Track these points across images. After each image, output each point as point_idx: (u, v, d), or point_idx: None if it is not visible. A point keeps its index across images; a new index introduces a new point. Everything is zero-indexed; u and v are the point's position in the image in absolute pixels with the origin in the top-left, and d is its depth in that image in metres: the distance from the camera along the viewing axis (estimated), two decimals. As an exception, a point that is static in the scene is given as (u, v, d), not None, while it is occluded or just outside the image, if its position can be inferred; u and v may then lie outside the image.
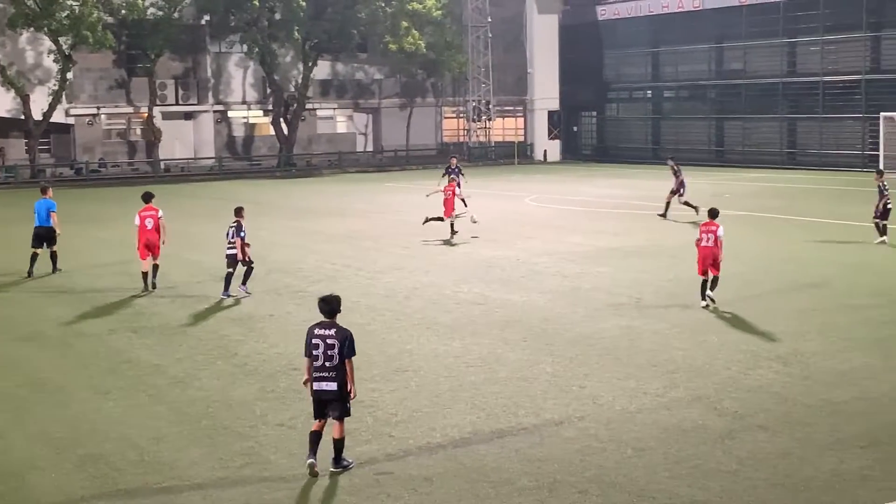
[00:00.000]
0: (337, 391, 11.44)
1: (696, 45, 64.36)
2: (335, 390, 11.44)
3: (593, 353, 16.71)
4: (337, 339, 11.40)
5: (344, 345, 11.38)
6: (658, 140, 69.07)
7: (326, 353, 11.40)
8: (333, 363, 11.40)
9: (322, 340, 11.43)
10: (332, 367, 11.40)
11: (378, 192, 48.89)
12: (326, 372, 11.43)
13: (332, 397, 11.48)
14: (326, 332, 11.46)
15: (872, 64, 56.40)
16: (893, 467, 11.32)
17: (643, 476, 11.28)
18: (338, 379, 11.41)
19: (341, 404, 11.54)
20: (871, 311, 19.42)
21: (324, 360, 11.41)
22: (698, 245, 20.50)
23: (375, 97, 72.15)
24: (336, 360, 11.39)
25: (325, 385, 11.46)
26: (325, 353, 11.40)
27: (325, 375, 11.44)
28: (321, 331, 11.48)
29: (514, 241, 30.09)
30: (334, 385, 11.42)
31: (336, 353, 11.38)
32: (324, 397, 11.50)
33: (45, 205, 25.87)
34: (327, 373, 11.42)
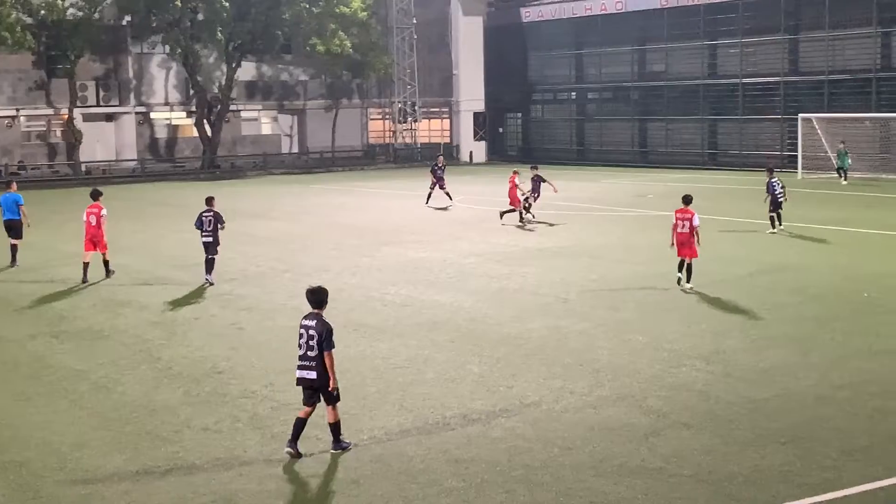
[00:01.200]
0: (317, 379, 11.87)
1: (618, 47, 65.02)
2: (315, 378, 11.89)
3: (520, 353, 16.79)
4: (317, 332, 11.86)
5: (322, 336, 11.81)
6: (582, 141, 69.65)
7: (308, 343, 11.90)
8: (314, 353, 11.86)
9: (305, 331, 11.97)
10: (312, 356, 11.88)
11: (304, 193, 48.64)
12: (307, 361, 11.93)
13: (313, 385, 11.96)
14: (310, 323, 11.98)
15: (790, 66, 57.43)
16: (813, 463, 11.54)
17: (570, 475, 11.37)
18: (317, 368, 11.85)
19: (327, 394, 11.97)
20: (791, 309, 19.76)
21: (305, 349, 11.92)
22: (674, 230, 22.03)
23: (301, 98, 71.76)
24: (316, 350, 11.84)
25: (306, 373, 11.96)
26: (307, 342, 11.91)
27: (305, 364, 11.95)
28: (306, 321, 12.05)
29: (441, 242, 30.13)
30: (314, 374, 11.88)
31: (316, 344, 11.84)
32: (305, 385, 12.02)
33: (12, 198, 27.23)
34: (308, 362, 11.92)
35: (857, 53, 53.90)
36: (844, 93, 54.33)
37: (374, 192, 49.19)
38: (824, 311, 19.55)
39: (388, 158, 71.89)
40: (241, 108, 69.51)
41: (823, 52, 54.95)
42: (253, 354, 17.13)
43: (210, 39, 62.37)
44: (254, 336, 18.54)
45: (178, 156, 67.98)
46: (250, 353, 17.19)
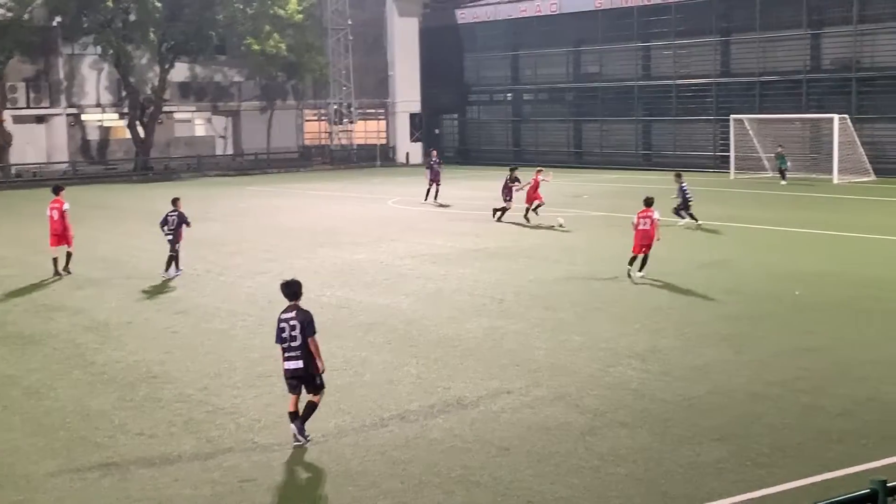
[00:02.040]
0: (303, 368, 12.36)
1: (554, 48, 65.37)
2: (302, 367, 12.37)
3: (457, 354, 16.82)
4: (298, 321, 12.36)
5: (304, 325, 12.31)
6: (518, 142, 69.92)
7: (291, 335, 12.38)
8: (297, 343, 12.34)
9: (286, 323, 12.43)
10: (296, 346, 12.36)
11: (239, 195, 48.30)
12: (293, 352, 12.40)
13: (300, 374, 12.41)
14: (289, 315, 12.46)
15: (723, 67, 58.15)
16: (747, 459, 11.69)
17: (507, 475, 11.40)
18: (303, 357, 12.35)
19: (311, 381, 12.46)
20: (724, 307, 20.00)
21: (290, 341, 12.40)
22: (636, 228, 23.12)
23: (235, 100, 71.26)
24: (299, 340, 12.33)
25: (293, 364, 12.43)
26: (290, 334, 12.38)
27: (292, 355, 12.42)
28: (285, 314, 12.52)
29: (377, 243, 30.07)
30: (300, 363, 12.37)
31: (298, 334, 12.33)
32: (293, 375, 12.46)
33: None
34: (294, 352, 12.40)
35: (787, 55, 54.70)
36: (775, 94, 55.13)
37: (310, 193, 48.99)
38: (757, 310, 19.81)
39: (324, 160, 71.64)
40: (174, 110, 68.88)
41: (755, 53, 55.73)
42: (188, 358, 16.97)
43: (142, 40, 61.71)
44: (189, 340, 18.37)
45: (110, 158, 67.16)
46: (185, 357, 17.03)
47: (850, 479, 10.81)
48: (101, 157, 67.18)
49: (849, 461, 11.49)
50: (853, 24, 51.39)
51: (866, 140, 50.05)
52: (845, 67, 52.22)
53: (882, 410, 13.33)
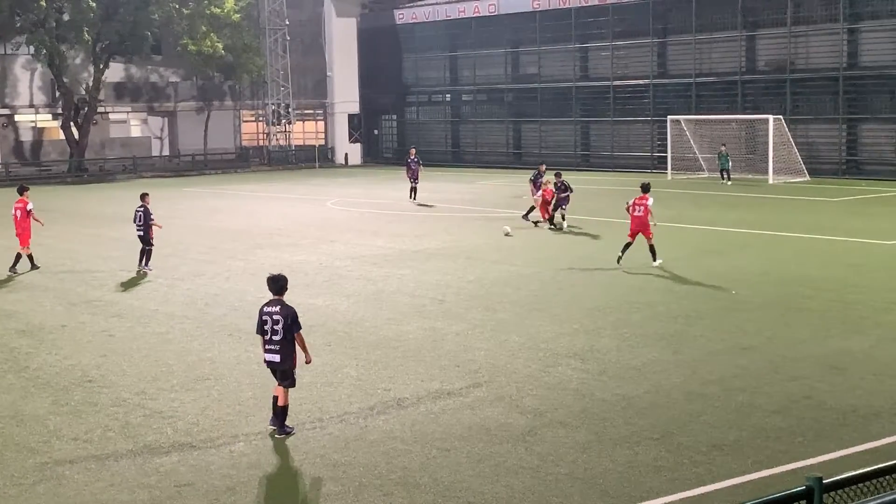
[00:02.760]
0: (280, 362, 12.69)
1: (492, 49, 65.54)
2: (278, 361, 12.69)
3: (397, 355, 16.79)
4: (281, 316, 12.62)
5: (287, 321, 12.58)
6: (458, 143, 70.01)
7: (273, 329, 12.64)
8: (278, 337, 12.61)
9: (269, 317, 12.69)
10: (277, 340, 12.64)
11: (176, 197, 47.80)
12: (273, 345, 12.69)
13: (277, 367, 12.76)
14: (273, 310, 12.72)
15: (659, 69, 58.66)
16: (684, 458, 11.79)
17: (448, 476, 11.40)
18: (281, 352, 12.63)
19: (285, 376, 12.76)
20: (660, 308, 20.17)
21: (271, 334, 12.66)
22: (631, 214, 24.33)
23: (171, 100, 70.63)
24: (280, 334, 12.60)
25: (271, 356, 12.76)
26: (272, 328, 12.64)
27: (271, 348, 12.72)
28: (269, 308, 12.78)
29: (316, 245, 29.95)
30: (278, 357, 12.68)
31: (281, 329, 12.59)
32: (272, 367, 12.83)
33: None
34: (273, 346, 12.69)
35: (722, 56, 55.33)
36: (711, 95, 55.75)
37: (248, 194, 48.66)
38: (693, 309, 20.00)
39: (262, 161, 71.25)
40: (109, 110, 68.13)
41: (691, 55, 56.31)
42: (124, 362, 16.76)
43: (76, 40, 60.90)
44: (125, 343, 18.15)
45: (44, 159, 66.27)
46: (121, 361, 16.82)
47: (786, 477, 10.95)
48: (34, 159, 66.26)
49: (785, 458, 11.64)
50: (787, 27, 52.12)
51: (800, 141, 50.79)
52: (779, 69, 52.95)
53: (816, 408, 13.52)
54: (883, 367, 15.47)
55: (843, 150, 51.25)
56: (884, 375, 14.99)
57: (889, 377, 14.90)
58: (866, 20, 50.37)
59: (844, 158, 51.23)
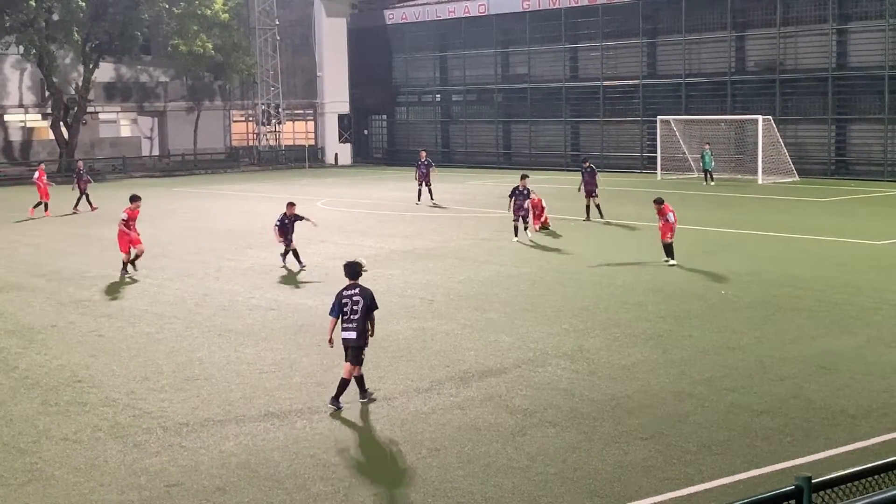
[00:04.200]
0: (355, 339, 13.72)
1: (482, 49, 65.53)
2: (354, 338, 13.72)
3: (387, 355, 16.78)
4: (361, 297, 13.75)
5: (367, 301, 13.75)
6: (447, 143, 70.00)
7: (353, 309, 13.71)
8: (357, 316, 13.70)
9: (349, 299, 13.76)
10: (355, 319, 13.71)
11: (166, 197, 47.74)
12: (351, 324, 13.72)
13: (352, 344, 13.75)
14: (353, 292, 13.81)
15: (649, 69, 58.72)
16: (674, 457, 11.81)
17: (437, 476, 11.40)
18: (357, 329, 13.70)
19: (358, 351, 13.81)
20: (649, 308, 20.20)
21: (350, 314, 13.71)
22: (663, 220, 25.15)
23: (161, 100, 70.52)
24: (359, 314, 13.70)
25: (348, 334, 13.76)
26: (351, 308, 13.72)
27: (349, 326, 13.74)
28: (348, 291, 13.85)
29: (306, 245, 29.87)
30: (354, 334, 13.71)
31: (360, 308, 13.70)
32: (347, 344, 13.78)
33: None
34: (351, 324, 13.72)
35: (712, 57, 55.40)
36: (701, 95, 55.82)
37: (238, 195, 48.60)
38: (682, 309, 20.03)
39: (252, 161, 71.15)
40: (99, 110, 67.99)
41: (680, 55, 56.37)
42: (113, 362, 16.74)
43: (66, 40, 60.73)
44: (114, 343, 18.12)
45: (33, 159, 65.99)
46: (111, 361, 16.80)
47: (775, 476, 10.98)
48: (23, 159, 66.07)
49: (774, 458, 11.67)
50: (776, 27, 52.22)
51: (790, 141, 50.90)
52: (769, 69, 53.04)
53: (805, 408, 13.55)
54: (871, 366, 15.52)
55: (832, 151, 51.36)
56: (872, 375, 15.04)
57: (877, 377, 14.95)
58: (855, 21, 50.49)
59: (833, 159, 51.35)
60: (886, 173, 48.45)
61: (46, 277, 24.94)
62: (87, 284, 24.03)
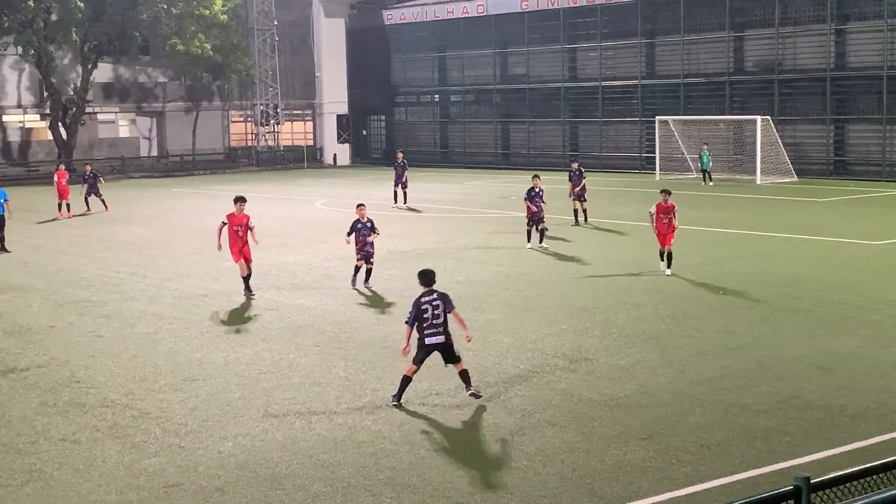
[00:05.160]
0: (445, 340, 14.03)
1: (481, 50, 65.54)
2: (444, 340, 14.01)
3: (386, 355, 16.78)
4: (441, 301, 14.06)
5: (445, 303, 14.06)
6: (446, 143, 70.00)
7: (434, 314, 13.97)
8: (440, 321, 13.99)
9: (429, 304, 14.02)
10: (439, 324, 13.99)
11: (164, 197, 47.77)
12: (436, 328, 13.98)
13: (441, 347, 14.04)
14: (430, 298, 14.09)
15: (648, 69, 58.73)
16: (673, 458, 11.81)
17: (436, 476, 11.40)
18: (444, 332, 14.02)
19: (451, 350, 14.10)
20: (648, 308, 20.20)
21: (432, 319, 13.95)
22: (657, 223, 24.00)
23: (160, 100, 70.49)
24: (441, 317, 14.00)
25: (436, 339, 14.00)
26: (433, 314, 13.97)
27: (435, 331, 13.98)
28: (426, 298, 14.10)
29: (305, 245, 29.94)
30: (442, 338, 14.01)
31: (441, 312, 14.00)
32: (435, 349, 14.06)
33: None
34: (436, 329, 13.98)
35: (710, 57, 55.42)
36: (699, 95, 55.85)
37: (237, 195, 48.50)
38: (680, 310, 20.03)
39: (251, 161, 71.15)
40: (97, 111, 67.96)
41: (679, 55, 56.39)
42: (112, 363, 16.73)
43: (65, 40, 60.72)
44: (113, 344, 18.11)
45: (32, 159, 66.07)
46: (109, 362, 16.79)
47: (774, 476, 10.98)
48: (22, 159, 66.06)
49: (773, 458, 11.67)
50: (775, 27, 52.23)
51: (788, 141, 50.91)
52: (767, 70, 53.06)
53: (804, 408, 13.56)
54: (870, 367, 15.53)
55: (830, 151, 51.39)
56: (871, 375, 15.05)
57: (876, 377, 14.95)
58: (854, 21, 50.52)
59: (832, 159, 51.38)
60: (885, 173, 48.49)
61: (46, 278, 24.93)
62: (86, 285, 24.01)
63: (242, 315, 20.35)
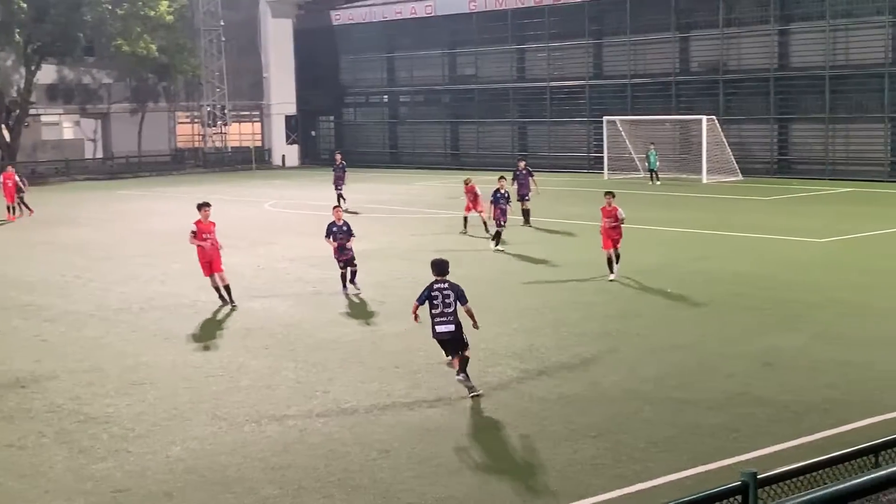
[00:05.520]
0: (454, 331, 14.07)
1: (429, 50, 65.57)
2: (453, 330, 14.06)
3: (336, 357, 16.73)
4: (452, 291, 14.08)
5: (458, 294, 14.05)
6: (395, 144, 69.96)
7: (444, 302, 14.00)
8: (450, 310, 14.03)
9: (440, 292, 14.06)
10: (449, 312, 14.03)
11: (110, 200, 47.30)
12: (445, 317, 14.03)
13: (449, 337, 14.09)
14: (443, 286, 14.14)
15: (595, 70, 59.06)
16: (623, 455, 11.88)
17: (388, 477, 11.38)
18: (454, 322, 14.05)
19: (460, 342, 14.16)
20: (598, 307, 20.32)
21: (442, 307, 14.02)
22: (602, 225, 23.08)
23: (104, 102, 69.73)
24: (452, 307, 14.03)
25: (444, 328, 14.06)
26: (443, 301, 13.99)
27: (443, 320, 14.04)
28: (438, 285, 14.16)
29: (254, 247, 29.76)
30: (452, 326, 14.06)
31: (452, 301, 14.04)
32: (444, 338, 14.11)
33: None
34: (446, 318, 14.03)
35: (657, 58, 55.85)
36: (646, 95, 56.25)
37: (184, 197, 48.09)
38: (630, 308, 20.16)
39: (198, 163, 70.60)
40: (41, 113, 67.08)
41: (626, 56, 56.76)
42: (58, 367, 16.52)
43: (7, 41, 59.95)
44: (59, 348, 17.89)
45: (-26, 163, 65.07)
46: (55, 366, 16.58)
47: (722, 472, 11.06)
48: (-36, 162, 65.07)
49: (720, 454, 11.77)
50: (719, 28, 52.73)
51: (733, 141, 51.43)
52: (712, 70, 53.56)
53: (750, 404, 13.69)
54: (815, 363, 15.72)
55: (774, 150, 52.00)
56: (816, 371, 15.23)
57: (821, 373, 15.14)
58: (797, 22, 51.13)
59: (776, 158, 51.98)
60: (827, 172, 49.10)
61: (-11, 282, 24.62)
62: (31, 289, 23.72)
63: (191, 318, 20.18)
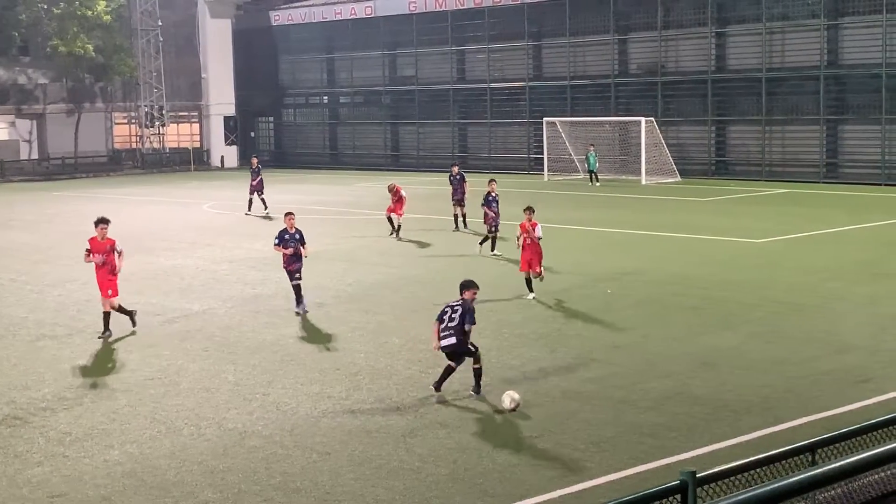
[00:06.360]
0: (456, 345, 14.31)
1: (369, 51, 65.42)
2: (455, 343, 14.29)
3: (276, 359, 16.64)
4: (461, 307, 14.41)
5: (465, 312, 14.36)
6: (336, 145, 69.70)
7: (451, 317, 14.41)
8: (454, 324, 14.33)
9: (451, 308, 14.48)
10: (452, 326, 14.32)
11: (45, 201, 46.63)
12: (449, 331, 14.34)
13: (453, 349, 14.34)
14: (455, 304, 14.54)
15: (535, 71, 59.29)
16: (562, 455, 11.94)
17: (328, 479, 11.34)
18: (456, 336, 14.30)
19: (463, 354, 14.43)
20: (538, 308, 20.40)
21: (448, 322, 14.37)
22: (522, 243, 21.38)
23: (40, 102, 68.68)
24: (456, 321, 14.31)
25: (448, 341, 14.34)
26: (450, 316, 14.42)
27: (447, 333, 14.36)
28: (453, 302, 14.63)
29: (192, 248, 29.52)
30: (454, 340, 14.29)
31: (458, 316, 14.33)
32: (447, 350, 14.38)
33: None
34: (449, 331, 14.33)
35: (596, 60, 56.16)
36: (586, 97, 56.54)
37: (122, 198, 47.66)
38: (570, 309, 20.27)
39: (136, 164, 69.81)
40: (-25, 113, 65.97)
41: (565, 58, 57.03)
42: (-7, 371, 16.27)
43: (-60, 40, 58.87)
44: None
45: None
46: (-10, 371, 16.33)
47: (661, 471, 11.17)
48: None
49: (660, 454, 11.87)
50: (658, 30, 53.19)
51: (671, 142, 51.87)
52: (651, 72, 54.00)
53: (689, 403, 13.83)
54: (752, 362, 15.91)
55: (712, 151, 52.53)
56: (753, 370, 15.42)
57: (758, 372, 15.33)
58: (733, 24, 51.71)
59: (713, 159, 52.52)
60: (764, 173, 49.70)
61: (-80, 285, 24.18)
62: (-36, 292, 23.33)
63: (128, 321, 19.93)
